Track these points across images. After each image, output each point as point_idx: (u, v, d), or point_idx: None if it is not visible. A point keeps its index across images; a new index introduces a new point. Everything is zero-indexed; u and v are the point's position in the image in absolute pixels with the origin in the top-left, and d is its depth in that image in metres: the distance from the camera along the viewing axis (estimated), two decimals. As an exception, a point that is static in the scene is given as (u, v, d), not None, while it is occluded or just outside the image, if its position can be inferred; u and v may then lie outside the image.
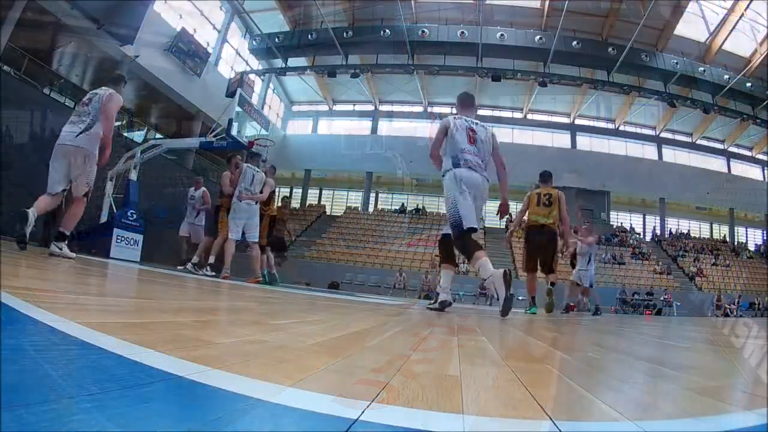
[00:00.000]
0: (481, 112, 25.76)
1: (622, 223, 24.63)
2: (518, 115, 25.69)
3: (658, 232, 24.25)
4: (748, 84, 18.92)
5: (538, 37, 18.38)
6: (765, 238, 24.77)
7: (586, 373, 0.98)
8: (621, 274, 19.12)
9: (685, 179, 24.07)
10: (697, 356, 1.72)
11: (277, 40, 19.33)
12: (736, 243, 24.37)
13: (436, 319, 2.93)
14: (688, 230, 25.65)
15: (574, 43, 18.11)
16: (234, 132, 10.12)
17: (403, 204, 24.98)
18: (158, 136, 18.66)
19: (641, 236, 24.34)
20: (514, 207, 7.66)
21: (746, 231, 26.35)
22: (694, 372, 1.11)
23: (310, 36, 19.06)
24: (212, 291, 3.18)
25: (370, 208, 24.78)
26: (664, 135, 25.42)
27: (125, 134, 14.83)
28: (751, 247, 24.65)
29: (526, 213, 5.73)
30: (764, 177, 25.58)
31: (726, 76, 18.83)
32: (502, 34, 18.26)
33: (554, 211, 5.41)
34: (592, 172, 23.46)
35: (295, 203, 26.32)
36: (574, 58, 18.31)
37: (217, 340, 0.91)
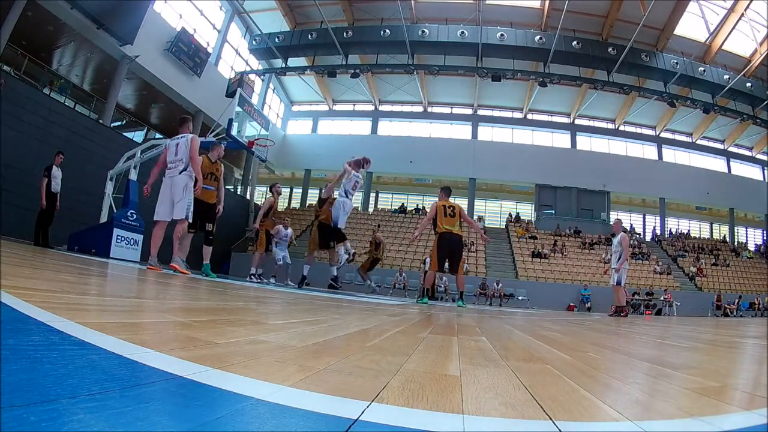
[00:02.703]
0: (481, 112, 25.79)
1: (622, 221, 24.64)
2: (518, 115, 25.69)
3: (658, 232, 24.25)
4: (748, 84, 18.92)
5: (538, 37, 18.38)
6: (765, 238, 24.77)
7: (586, 373, 0.98)
8: (621, 274, 19.09)
9: (685, 179, 24.07)
10: (698, 356, 1.72)
11: (277, 40, 19.32)
12: (736, 243, 24.37)
13: (436, 319, 2.93)
14: (688, 230, 25.65)
15: (574, 43, 18.10)
16: (234, 132, 10.12)
17: (403, 204, 24.99)
18: (158, 135, 18.67)
19: (641, 236, 24.33)
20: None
21: (746, 231, 26.35)
22: (694, 372, 1.11)
23: (310, 36, 19.06)
24: (212, 291, 3.18)
25: (371, 209, 24.78)
26: (664, 135, 25.42)
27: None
28: (751, 247, 24.65)
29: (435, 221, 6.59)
30: (764, 177, 25.58)
31: (726, 76, 18.82)
32: (502, 34, 18.25)
33: (458, 220, 6.46)
34: (592, 172, 23.47)
35: (296, 203, 26.37)
36: (574, 58, 18.30)
37: (217, 340, 0.91)
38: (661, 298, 16.57)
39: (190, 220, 5.23)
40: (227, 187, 20.85)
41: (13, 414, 0.37)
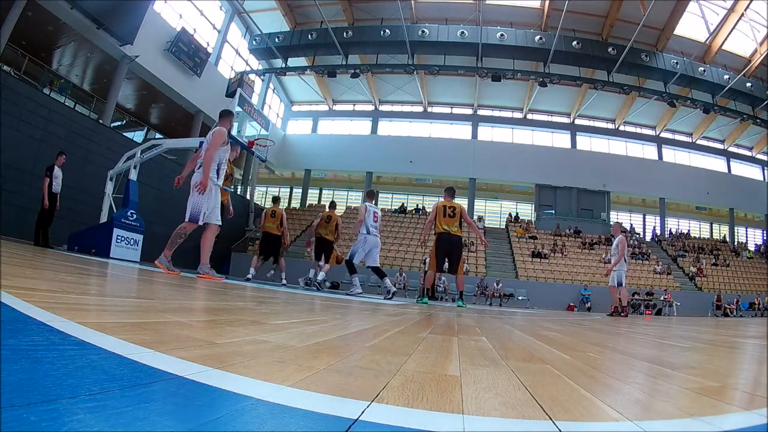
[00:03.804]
0: (481, 112, 25.80)
1: (622, 224, 24.66)
2: (518, 115, 25.69)
3: (658, 232, 24.25)
4: (748, 84, 18.93)
5: (538, 37, 18.38)
6: (765, 238, 24.77)
7: (586, 373, 0.98)
8: (621, 274, 19.09)
9: (685, 179, 24.07)
10: (698, 356, 1.72)
11: (277, 40, 19.32)
12: (736, 243, 24.37)
13: (436, 319, 2.93)
14: (688, 230, 25.65)
15: (574, 43, 18.11)
16: (234, 132, 10.12)
17: (403, 204, 25.00)
18: (158, 135, 18.68)
19: (641, 236, 24.33)
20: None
21: (746, 231, 26.36)
22: (694, 372, 1.11)
23: (310, 36, 19.06)
24: (212, 291, 3.18)
25: (371, 208, 24.78)
26: (664, 135, 25.43)
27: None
28: (751, 247, 24.65)
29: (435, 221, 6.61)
30: (764, 177, 25.59)
31: (726, 76, 18.83)
32: (502, 34, 18.26)
33: (458, 221, 6.45)
34: (592, 172, 23.47)
35: (296, 203, 26.38)
36: (574, 58, 18.30)
37: (217, 340, 0.91)
38: (661, 298, 16.57)
39: (198, 223, 4.70)
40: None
41: (13, 414, 0.37)
